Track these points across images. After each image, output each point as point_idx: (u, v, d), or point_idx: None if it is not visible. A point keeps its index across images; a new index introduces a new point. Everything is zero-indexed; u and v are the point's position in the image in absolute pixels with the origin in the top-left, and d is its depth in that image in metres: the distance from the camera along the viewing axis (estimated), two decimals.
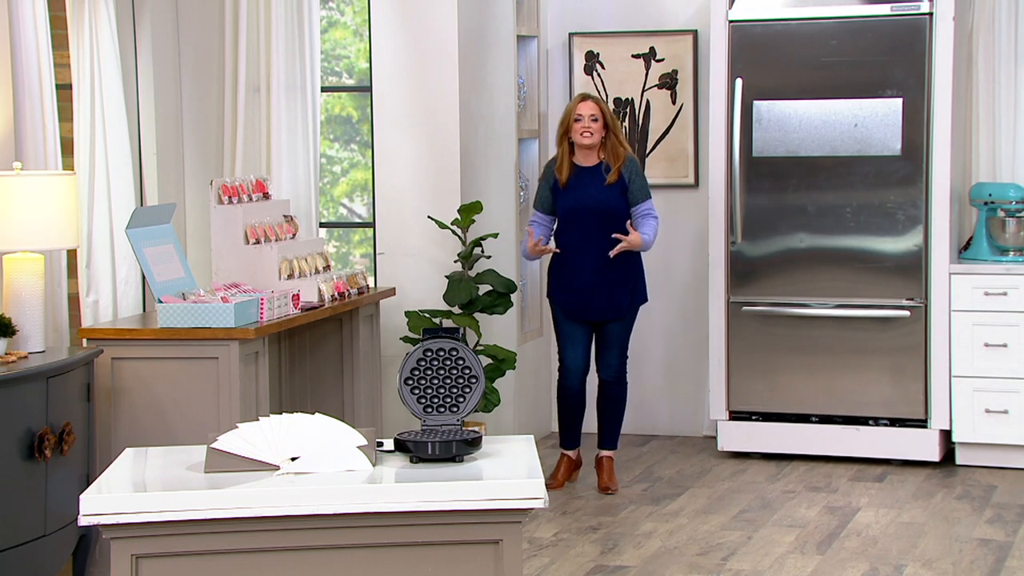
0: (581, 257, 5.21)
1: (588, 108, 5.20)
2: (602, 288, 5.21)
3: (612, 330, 5.30)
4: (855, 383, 5.79)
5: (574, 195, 5.22)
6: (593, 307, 5.24)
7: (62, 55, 4.75)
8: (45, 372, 3.95)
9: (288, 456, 2.95)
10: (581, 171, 5.24)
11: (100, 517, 2.74)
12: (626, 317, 5.30)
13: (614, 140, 5.23)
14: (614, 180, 5.19)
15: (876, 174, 5.75)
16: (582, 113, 5.20)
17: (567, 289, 5.24)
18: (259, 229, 4.80)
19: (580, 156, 5.25)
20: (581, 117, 5.20)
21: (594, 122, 5.19)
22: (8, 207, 4.06)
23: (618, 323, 5.30)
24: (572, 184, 5.22)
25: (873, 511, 5.10)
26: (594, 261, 5.20)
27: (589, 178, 5.22)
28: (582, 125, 5.19)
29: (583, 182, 5.22)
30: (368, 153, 6.09)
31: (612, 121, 5.23)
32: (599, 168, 5.23)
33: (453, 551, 2.83)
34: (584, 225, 5.20)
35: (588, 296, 5.22)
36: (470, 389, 3.17)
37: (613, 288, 5.22)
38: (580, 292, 5.22)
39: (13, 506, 3.82)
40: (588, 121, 5.19)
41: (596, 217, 5.18)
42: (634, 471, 5.77)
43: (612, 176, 5.19)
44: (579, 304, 5.24)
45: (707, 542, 4.74)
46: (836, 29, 5.75)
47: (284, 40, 5.49)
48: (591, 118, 5.19)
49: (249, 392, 4.41)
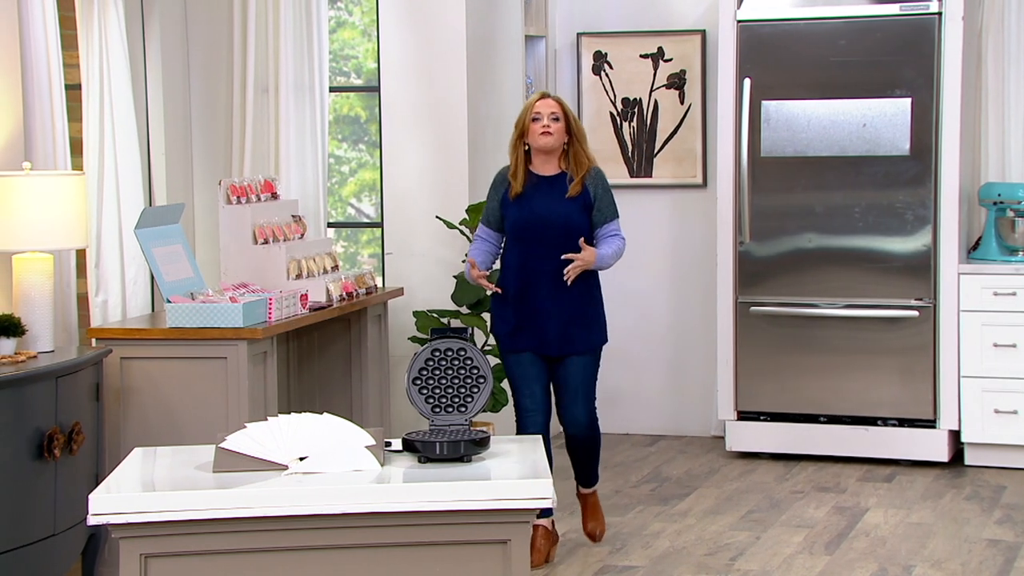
0: (534, 279, 4.40)
1: (548, 106, 4.42)
2: (558, 316, 4.39)
3: (573, 371, 4.44)
4: (864, 383, 5.78)
5: (528, 206, 4.41)
6: (547, 338, 4.40)
7: (71, 55, 4.77)
8: (54, 372, 3.96)
9: (296, 456, 2.95)
10: (538, 180, 4.44)
11: (109, 517, 2.75)
12: (586, 353, 4.46)
13: (578, 147, 4.44)
14: (576, 193, 4.40)
15: (885, 174, 5.75)
16: (540, 111, 4.41)
17: (517, 318, 4.40)
18: (267, 229, 4.81)
19: (538, 163, 4.45)
20: (540, 116, 4.41)
21: (555, 122, 4.40)
22: (18, 207, 4.08)
23: (579, 360, 4.44)
24: (527, 194, 4.41)
25: (882, 511, 5.10)
26: (548, 285, 4.38)
27: (547, 188, 4.43)
28: (541, 125, 4.39)
29: (539, 192, 4.42)
30: (376, 153, 6.10)
31: (576, 125, 4.45)
32: (560, 179, 4.44)
33: (461, 551, 2.84)
34: (538, 242, 4.39)
35: (541, 325, 4.39)
36: (478, 389, 3.18)
37: (571, 318, 4.42)
38: (532, 320, 4.39)
39: (23, 505, 3.84)
40: (548, 120, 4.40)
41: (552, 233, 4.38)
42: (642, 471, 5.77)
43: (575, 188, 4.40)
44: (531, 334, 4.39)
45: (715, 542, 4.73)
46: (845, 29, 5.75)
47: (292, 40, 5.50)
48: (551, 116, 4.40)
49: (257, 392, 4.42)
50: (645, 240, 6.38)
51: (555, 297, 4.40)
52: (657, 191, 6.37)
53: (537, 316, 4.40)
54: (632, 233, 6.39)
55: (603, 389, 6.50)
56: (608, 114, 6.39)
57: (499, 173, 4.53)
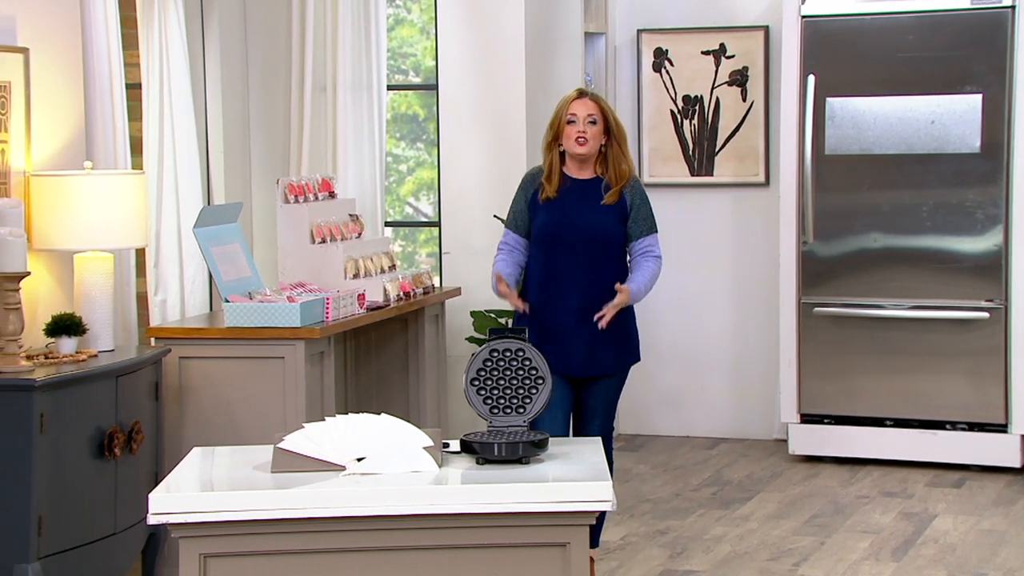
0: (560, 292, 4.05)
1: (584, 107, 4.05)
2: (584, 334, 4.02)
3: (596, 393, 4.10)
4: (932, 386, 5.70)
5: (560, 211, 4.06)
6: (572, 359, 4.03)
7: (132, 54, 4.83)
8: (115, 371, 4.02)
9: (354, 456, 2.97)
10: (572, 184, 4.10)
11: (169, 516, 2.79)
12: (614, 375, 4.11)
13: (617, 151, 4.09)
14: (613, 201, 4.07)
15: (954, 172, 5.66)
16: (576, 113, 4.05)
17: (539, 334, 4.00)
18: (325, 228, 4.85)
19: (572, 166, 4.11)
20: (575, 118, 4.05)
21: (591, 125, 4.05)
22: (79, 207, 4.14)
23: (604, 383, 4.09)
24: (560, 198, 4.07)
25: (951, 518, 5.02)
26: (576, 298, 4.02)
27: (580, 193, 4.09)
28: (576, 129, 4.04)
29: (571, 196, 4.08)
30: (434, 152, 6.12)
31: (616, 127, 4.09)
32: (595, 184, 4.10)
33: (519, 554, 2.84)
34: (567, 250, 4.05)
35: (566, 343, 4.02)
36: (537, 390, 3.17)
37: (600, 337, 4.02)
38: (556, 337, 4.01)
39: (84, 504, 3.89)
40: (584, 124, 4.04)
41: (584, 242, 4.04)
42: (703, 474, 5.74)
43: (612, 196, 4.07)
44: (554, 354, 3.81)
45: (778, 547, 4.69)
46: (913, 23, 5.67)
47: (351, 38, 5.53)
48: (588, 120, 4.05)
49: (315, 392, 4.45)
50: (706, 240, 6.34)
51: (582, 313, 3.98)
52: (718, 190, 6.33)
53: (561, 333, 4.02)
54: (692, 233, 6.37)
55: (664, 391, 6.50)
56: (668, 112, 6.36)
57: (529, 172, 4.21)
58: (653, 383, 6.41)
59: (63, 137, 4.39)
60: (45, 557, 3.73)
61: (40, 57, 4.27)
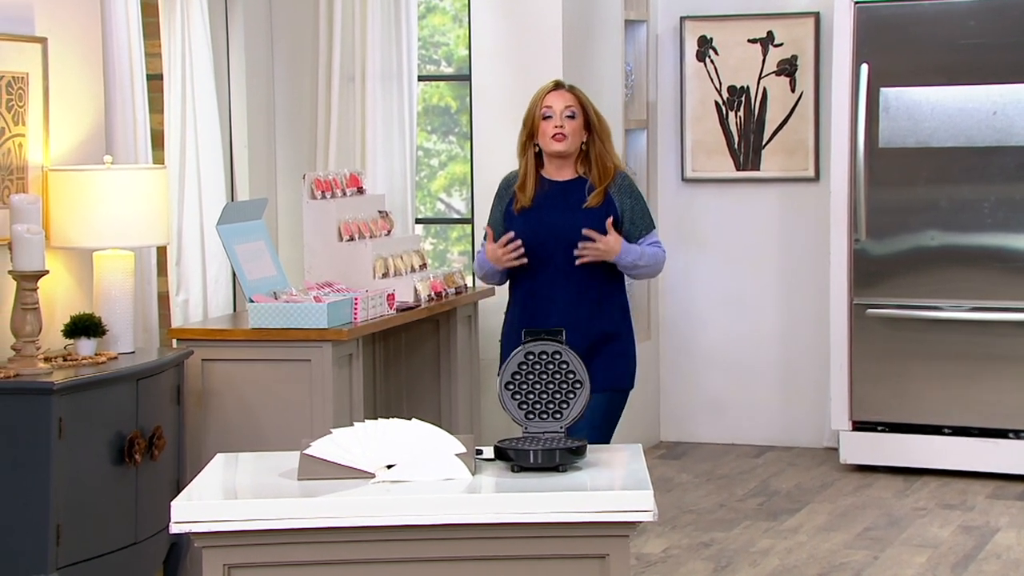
0: (543, 308, 3.89)
1: (561, 99, 3.85)
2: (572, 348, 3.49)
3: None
4: (993, 392, 5.66)
5: (538, 218, 3.88)
6: None
7: (153, 44, 4.87)
8: (135, 374, 4.05)
9: (384, 463, 2.98)
10: (550, 187, 3.91)
11: (191, 525, 2.80)
12: (605, 391, 3.84)
13: (600, 148, 3.88)
14: (598, 203, 3.86)
15: (1017, 166, 5.62)
16: (553, 106, 3.85)
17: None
18: (353, 225, 4.87)
19: (550, 167, 3.92)
20: (551, 112, 3.85)
21: (570, 120, 3.85)
22: (98, 203, 4.17)
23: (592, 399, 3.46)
24: (538, 204, 3.89)
25: (1015, 532, 4.98)
26: (560, 315, 3.84)
27: (560, 197, 3.89)
28: (553, 124, 3.84)
29: (550, 201, 3.89)
30: (467, 145, 6.13)
31: (598, 120, 3.90)
32: (577, 185, 3.90)
33: (557, 565, 2.84)
34: (548, 265, 3.87)
35: None
36: (574, 395, 3.17)
37: (588, 353, 3.73)
38: None
39: (104, 512, 3.92)
40: (561, 118, 3.84)
41: (566, 253, 3.84)
42: (748, 484, 5.72)
43: (596, 197, 3.86)
44: None
45: (829, 561, 4.67)
46: (974, 8, 5.63)
47: (380, 27, 5.55)
48: (566, 114, 3.85)
49: (343, 396, 4.47)
50: (752, 238, 6.32)
51: (570, 328, 3.54)
52: (765, 185, 6.31)
53: None
54: (738, 230, 6.36)
55: (707, 396, 6.48)
56: (713, 103, 6.34)
57: (504, 178, 4.02)
58: (697, 388, 6.40)
59: (82, 130, 4.43)
60: (63, 568, 3.76)
61: (58, 47, 4.31)
